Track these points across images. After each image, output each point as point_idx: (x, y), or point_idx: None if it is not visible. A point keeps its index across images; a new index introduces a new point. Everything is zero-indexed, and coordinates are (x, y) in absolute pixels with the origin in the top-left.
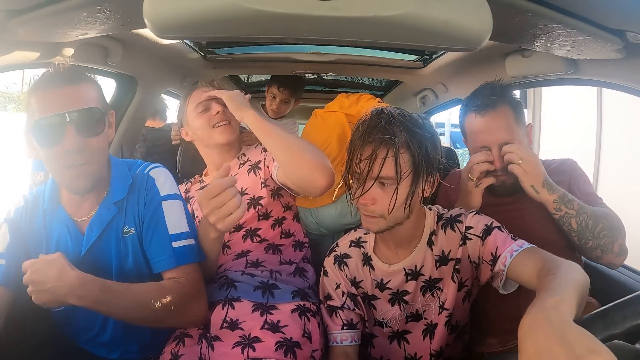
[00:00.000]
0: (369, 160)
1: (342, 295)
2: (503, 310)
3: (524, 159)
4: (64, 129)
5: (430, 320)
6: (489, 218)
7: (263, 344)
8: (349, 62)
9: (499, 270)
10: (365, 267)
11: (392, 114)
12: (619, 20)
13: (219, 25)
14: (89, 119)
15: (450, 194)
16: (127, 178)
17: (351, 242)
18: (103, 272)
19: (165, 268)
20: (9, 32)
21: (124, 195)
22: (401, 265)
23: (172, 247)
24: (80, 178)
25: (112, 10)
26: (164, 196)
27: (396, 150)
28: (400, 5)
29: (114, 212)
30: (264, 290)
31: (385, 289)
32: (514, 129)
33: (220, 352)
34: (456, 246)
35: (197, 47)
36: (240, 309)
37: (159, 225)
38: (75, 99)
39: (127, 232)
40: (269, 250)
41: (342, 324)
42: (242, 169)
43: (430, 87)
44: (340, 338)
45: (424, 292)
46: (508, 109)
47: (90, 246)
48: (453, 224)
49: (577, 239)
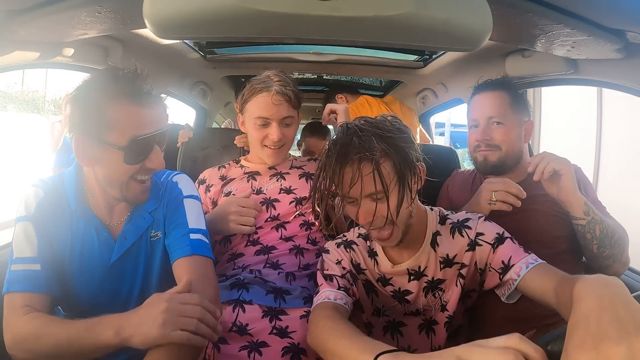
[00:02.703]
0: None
1: (344, 270)
2: (501, 312)
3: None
4: (152, 147)
5: (430, 317)
6: (499, 227)
7: (270, 348)
8: (349, 62)
9: (510, 279)
10: (370, 259)
11: (360, 128)
12: (619, 20)
13: (219, 25)
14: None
15: (451, 195)
16: (158, 187)
17: (360, 234)
18: (130, 278)
19: (181, 255)
20: (9, 32)
21: (159, 204)
22: (405, 266)
23: (189, 237)
24: (146, 192)
25: (112, 10)
26: (186, 195)
27: (376, 164)
28: (400, 5)
29: (150, 222)
30: (276, 295)
31: (387, 284)
32: (506, 112)
33: (225, 354)
34: (462, 251)
35: (197, 47)
36: (251, 313)
37: (180, 218)
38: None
39: (155, 236)
40: (292, 251)
41: (338, 286)
42: (295, 171)
43: (430, 87)
44: (335, 296)
45: (426, 292)
46: (505, 94)
47: (122, 254)
48: (461, 229)
49: (596, 247)
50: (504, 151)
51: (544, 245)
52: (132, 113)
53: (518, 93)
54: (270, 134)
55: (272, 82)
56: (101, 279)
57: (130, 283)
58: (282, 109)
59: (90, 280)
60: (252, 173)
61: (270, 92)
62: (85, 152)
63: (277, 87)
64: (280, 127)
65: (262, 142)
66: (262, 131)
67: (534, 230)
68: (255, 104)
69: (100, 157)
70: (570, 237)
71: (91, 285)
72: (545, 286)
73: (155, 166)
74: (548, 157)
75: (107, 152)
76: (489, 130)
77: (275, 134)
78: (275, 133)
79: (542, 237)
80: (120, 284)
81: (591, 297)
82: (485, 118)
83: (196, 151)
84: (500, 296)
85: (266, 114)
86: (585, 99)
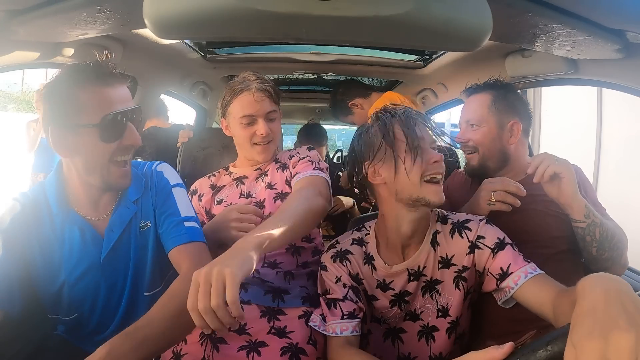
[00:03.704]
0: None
1: (344, 287)
2: (502, 313)
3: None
4: (126, 125)
5: (427, 323)
6: (501, 231)
7: (268, 348)
8: (349, 62)
9: (507, 287)
10: (366, 266)
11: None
12: (619, 20)
13: (218, 25)
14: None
15: (451, 195)
16: (140, 177)
17: (353, 240)
18: (123, 270)
19: (179, 243)
20: (9, 32)
21: (141, 194)
22: (404, 266)
23: (184, 225)
24: (127, 176)
25: (112, 10)
26: (174, 184)
27: None
28: (400, 5)
29: (134, 210)
30: (275, 295)
31: (388, 289)
32: (482, 114)
33: (224, 354)
34: (463, 253)
35: (197, 47)
36: (249, 313)
37: (171, 208)
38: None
39: (144, 226)
40: (289, 251)
41: (341, 314)
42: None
43: (430, 87)
44: (340, 328)
45: (423, 292)
46: (486, 96)
47: (112, 247)
48: (461, 230)
49: (595, 250)
50: (482, 153)
51: (542, 245)
52: (100, 93)
53: (505, 94)
54: (257, 129)
55: (251, 82)
56: (96, 277)
57: (123, 275)
58: (265, 104)
59: (85, 279)
60: (240, 178)
61: (251, 90)
62: (62, 143)
63: (257, 85)
64: (266, 122)
65: (251, 140)
66: (249, 129)
67: (532, 229)
68: (239, 104)
69: (77, 143)
70: (570, 237)
71: (88, 285)
72: (543, 298)
73: (131, 142)
74: (548, 160)
75: (83, 136)
76: (466, 132)
77: (262, 128)
78: (262, 128)
79: (541, 237)
80: (115, 278)
81: (598, 290)
82: (464, 121)
83: (196, 151)
84: (497, 300)
85: (251, 111)
86: (585, 99)
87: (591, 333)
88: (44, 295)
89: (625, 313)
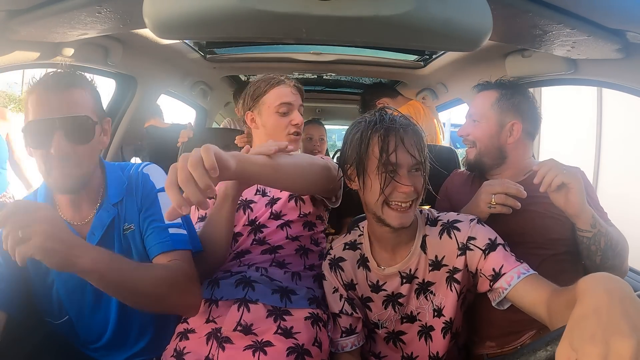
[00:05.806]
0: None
1: (340, 300)
2: (501, 313)
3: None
4: (52, 134)
5: (425, 322)
6: (493, 231)
7: (274, 348)
8: (349, 62)
9: (501, 287)
10: (360, 269)
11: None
12: (619, 20)
13: (218, 26)
14: (78, 126)
15: (451, 196)
16: (123, 180)
17: (345, 244)
18: None
19: (163, 250)
20: (9, 32)
21: (122, 197)
22: (396, 269)
23: (169, 232)
24: (67, 179)
25: (112, 10)
26: (160, 189)
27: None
28: (400, 5)
29: (114, 214)
30: (282, 295)
31: (380, 290)
32: (484, 110)
33: (230, 353)
34: (453, 254)
35: (197, 47)
36: (256, 312)
37: (156, 214)
38: (67, 105)
39: (128, 229)
40: (298, 252)
41: (341, 331)
42: None
43: (430, 87)
44: (341, 345)
45: (417, 294)
46: (492, 94)
47: None
48: (450, 230)
49: (599, 259)
50: (479, 148)
51: (542, 247)
52: (32, 99)
53: (512, 94)
54: (293, 119)
55: (284, 78)
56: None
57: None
58: (299, 98)
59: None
60: None
61: (287, 83)
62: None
63: (292, 81)
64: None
65: (286, 128)
66: (284, 119)
67: (530, 231)
68: (276, 93)
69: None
70: (569, 239)
71: (75, 290)
72: (536, 298)
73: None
74: (556, 169)
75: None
76: (467, 126)
77: (298, 117)
78: (298, 117)
79: (540, 238)
80: None
81: (600, 291)
82: (468, 115)
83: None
84: (492, 301)
85: (289, 100)
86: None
87: (593, 337)
88: (37, 295)
89: (628, 317)
